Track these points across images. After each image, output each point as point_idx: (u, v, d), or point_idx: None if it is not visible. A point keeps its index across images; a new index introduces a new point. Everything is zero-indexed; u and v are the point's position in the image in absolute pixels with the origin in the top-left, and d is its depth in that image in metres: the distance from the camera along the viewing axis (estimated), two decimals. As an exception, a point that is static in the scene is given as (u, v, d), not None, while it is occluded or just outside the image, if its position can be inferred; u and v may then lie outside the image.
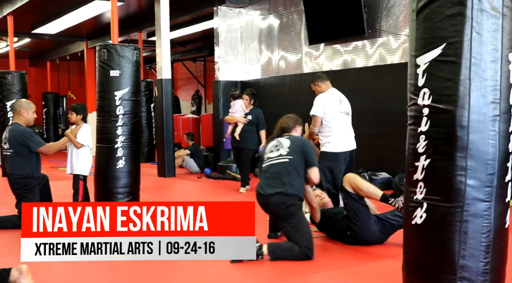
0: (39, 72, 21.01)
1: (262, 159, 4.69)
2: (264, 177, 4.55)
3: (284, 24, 10.36)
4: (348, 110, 6.06)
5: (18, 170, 5.35)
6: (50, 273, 4.07)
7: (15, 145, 5.34)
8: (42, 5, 11.19)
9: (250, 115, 8.28)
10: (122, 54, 7.09)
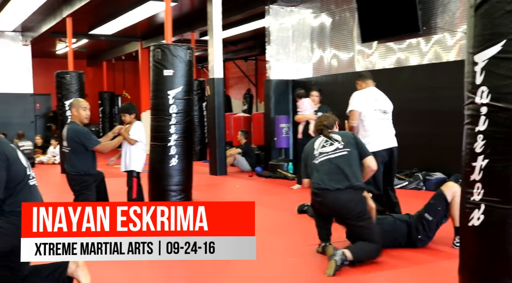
0: (95, 72, 21.62)
1: (308, 156, 4.49)
2: (322, 172, 4.31)
3: (336, 22, 10.27)
4: (386, 108, 5.85)
5: (76, 167, 5.51)
6: (104, 270, 4.18)
7: (72, 144, 5.51)
8: (99, 6, 11.49)
9: (320, 112, 8.22)
10: (175, 54, 7.21)
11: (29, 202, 3.23)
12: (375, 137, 5.56)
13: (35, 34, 14.77)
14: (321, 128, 4.56)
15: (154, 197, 7.23)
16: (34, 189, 3.45)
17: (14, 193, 3.28)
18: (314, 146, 4.49)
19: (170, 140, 7.19)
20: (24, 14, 13.02)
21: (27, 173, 3.39)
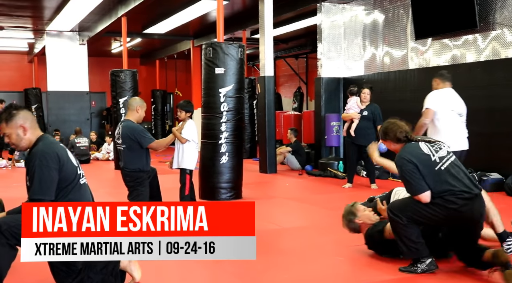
0: (148, 70, 22.04)
1: (424, 166, 3.84)
2: (457, 178, 3.82)
3: (390, 19, 10.09)
4: (461, 110, 5.82)
5: (130, 164, 5.62)
6: (154, 267, 4.25)
7: (127, 141, 5.61)
8: (153, 6, 11.69)
9: (366, 111, 8.13)
10: (227, 52, 7.26)
11: (81, 201, 3.32)
12: (447, 138, 5.38)
13: (91, 33, 15.18)
14: (407, 135, 4.04)
15: (204, 194, 7.31)
16: (85, 187, 3.54)
17: (66, 192, 3.36)
18: (425, 151, 3.92)
19: (221, 138, 7.25)
20: (81, 15, 13.41)
21: (78, 172, 3.47)
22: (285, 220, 6.23)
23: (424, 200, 3.78)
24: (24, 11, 13.27)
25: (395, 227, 3.89)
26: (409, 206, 3.86)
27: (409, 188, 3.86)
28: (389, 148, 4.24)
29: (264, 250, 4.74)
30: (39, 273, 3.97)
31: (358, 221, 4.37)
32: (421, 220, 3.83)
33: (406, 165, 3.84)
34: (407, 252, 3.86)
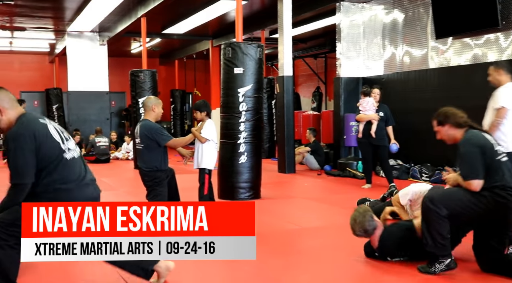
0: (168, 70, 22.16)
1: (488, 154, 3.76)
2: (510, 172, 3.81)
3: (410, 18, 10.00)
4: None
5: (148, 163, 5.66)
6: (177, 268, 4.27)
7: (145, 140, 5.65)
8: (172, 6, 11.75)
9: (381, 111, 8.08)
10: (246, 52, 7.26)
11: (69, 178, 3.23)
12: None
13: (111, 34, 15.31)
14: (467, 121, 3.96)
15: (223, 194, 7.33)
16: (72, 162, 3.31)
17: (50, 171, 3.19)
18: (490, 139, 3.86)
19: (240, 137, 7.26)
20: (101, 15, 13.54)
21: (62, 148, 3.27)
22: (304, 220, 6.21)
23: (475, 188, 3.70)
24: (45, 12, 13.44)
25: (428, 218, 3.76)
26: (453, 196, 3.77)
27: (465, 170, 3.75)
28: (443, 134, 4.01)
29: (283, 250, 4.74)
30: (57, 270, 4.02)
31: (376, 219, 4.20)
32: (463, 212, 3.74)
33: (472, 147, 3.76)
34: (432, 246, 3.77)
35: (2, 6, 12.08)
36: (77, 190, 3.26)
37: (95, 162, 12.87)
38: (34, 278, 3.93)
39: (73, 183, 3.26)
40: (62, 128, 3.46)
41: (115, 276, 3.92)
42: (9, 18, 13.83)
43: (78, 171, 3.32)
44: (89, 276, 4.04)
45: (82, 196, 3.23)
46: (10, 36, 16.69)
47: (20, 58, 20.41)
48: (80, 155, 3.46)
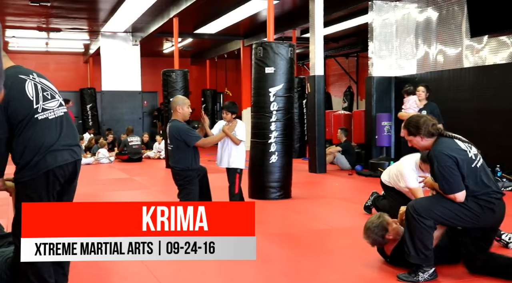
0: (199, 70, 22.30)
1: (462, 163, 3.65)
2: (488, 178, 3.74)
3: (444, 16, 9.84)
4: None
5: (179, 163, 5.71)
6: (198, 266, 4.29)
7: (174, 141, 5.71)
8: (204, 6, 11.82)
9: (425, 110, 7.98)
10: (277, 51, 7.26)
11: (40, 140, 3.01)
12: None
13: (144, 34, 15.50)
14: (439, 130, 3.85)
15: (254, 193, 7.34)
16: (44, 123, 3.04)
17: (20, 129, 2.99)
18: (462, 147, 3.74)
19: (271, 137, 7.26)
20: (134, 16, 13.71)
21: (33, 106, 3.02)
22: (335, 220, 6.18)
23: (459, 200, 3.61)
24: (80, 13, 13.69)
25: (412, 227, 3.67)
26: (437, 206, 3.66)
27: (446, 185, 3.62)
28: (415, 144, 3.89)
29: (314, 249, 4.73)
30: (86, 269, 4.08)
31: (388, 237, 4.03)
32: (448, 221, 3.68)
33: (446, 160, 3.61)
34: (414, 256, 3.68)
35: (39, 7, 12.35)
36: (57, 153, 3.06)
37: (128, 161, 13.04)
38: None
39: (51, 144, 3.03)
40: (50, 87, 3.20)
41: (145, 274, 3.97)
42: (46, 19, 14.13)
43: (51, 135, 3.06)
44: (121, 273, 4.09)
45: (51, 163, 3.04)
46: (46, 37, 17.05)
47: (56, 59, 20.85)
48: (63, 117, 3.16)
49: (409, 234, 3.71)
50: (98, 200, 7.57)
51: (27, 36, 16.16)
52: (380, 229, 3.99)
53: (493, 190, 3.68)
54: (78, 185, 3.45)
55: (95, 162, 12.80)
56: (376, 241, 4.06)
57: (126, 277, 3.96)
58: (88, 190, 8.43)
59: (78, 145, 3.27)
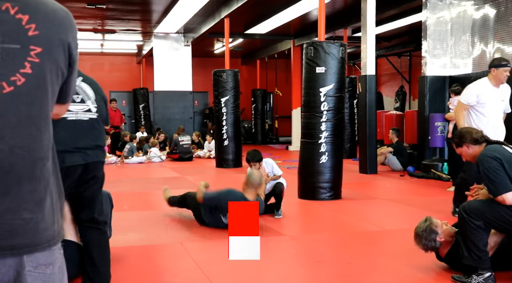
0: (249, 70, 22.40)
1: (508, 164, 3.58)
2: None
3: (502, 13, 9.51)
4: None
5: None
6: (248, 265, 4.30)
7: None
8: (255, 6, 11.86)
9: None
10: (328, 51, 7.20)
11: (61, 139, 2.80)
12: None
13: (195, 35, 15.68)
14: (484, 136, 3.87)
15: (303, 194, 7.31)
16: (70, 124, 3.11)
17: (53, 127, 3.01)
18: (509, 150, 3.73)
19: (321, 137, 7.21)
20: (186, 17, 13.90)
21: None
22: (386, 222, 6.07)
23: (509, 202, 3.50)
24: (134, 15, 13.99)
25: (465, 229, 3.61)
26: (489, 208, 3.58)
27: (492, 187, 3.56)
28: (465, 155, 3.89)
29: (365, 251, 4.66)
30: (142, 268, 4.15)
31: (440, 239, 3.90)
32: (500, 225, 3.57)
33: (490, 162, 3.57)
34: (468, 257, 3.61)
35: (95, 10, 12.69)
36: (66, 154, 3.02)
37: (178, 160, 13.23)
38: (121, 274, 4.09)
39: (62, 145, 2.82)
40: (86, 92, 3.22)
41: (196, 272, 4.01)
42: (101, 21, 14.51)
43: (69, 135, 3.07)
44: (173, 271, 4.15)
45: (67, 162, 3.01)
46: (101, 39, 17.51)
47: (110, 60, 21.39)
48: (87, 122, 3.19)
49: (462, 234, 3.67)
50: (148, 197, 7.71)
51: (83, 38, 16.63)
52: (429, 233, 3.89)
53: None
54: (130, 183, 3.52)
55: (147, 161, 13.05)
56: (428, 246, 3.95)
57: (177, 275, 4.02)
58: (140, 188, 8.60)
59: (97, 148, 3.24)
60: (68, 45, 1.48)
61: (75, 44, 1.52)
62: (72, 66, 1.51)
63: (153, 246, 4.90)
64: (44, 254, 1.42)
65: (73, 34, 1.50)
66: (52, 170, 1.47)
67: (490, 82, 5.89)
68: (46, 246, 1.42)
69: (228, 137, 11.59)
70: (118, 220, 5.61)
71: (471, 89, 5.96)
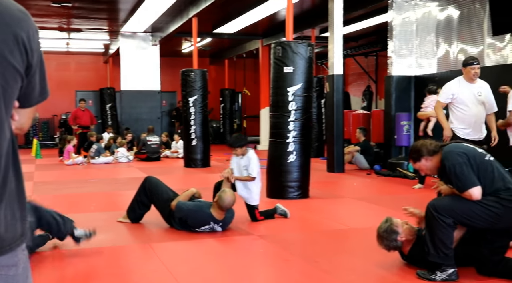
0: (217, 69, 22.36)
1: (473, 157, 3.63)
2: (504, 172, 3.71)
3: (465, 14, 9.72)
4: None
5: None
6: (225, 260, 4.29)
7: None
8: (223, 6, 11.84)
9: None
10: (296, 51, 7.24)
11: None
12: None
13: (163, 34, 15.58)
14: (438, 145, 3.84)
15: (272, 193, 7.33)
16: None
17: None
18: (470, 145, 3.79)
19: (289, 136, 7.24)
20: (154, 16, 13.79)
21: None
22: (353, 220, 6.14)
23: (476, 197, 3.54)
24: (100, 14, 13.80)
25: (433, 227, 3.64)
26: (458, 204, 3.62)
27: (459, 183, 3.58)
28: (424, 169, 3.85)
29: (331, 250, 4.71)
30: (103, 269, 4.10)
31: (401, 239, 3.93)
32: (469, 221, 3.61)
33: (456, 158, 3.59)
34: (434, 255, 3.64)
35: (60, 8, 12.48)
36: None
37: (146, 160, 13.12)
38: (88, 276, 4.04)
39: None
40: None
41: (164, 273, 3.98)
42: (67, 20, 14.28)
43: None
44: (140, 272, 4.12)
45: None
46: (67, 37, 17.23)
47: (76, 59, 21.07)
48: None
49: (429, 232, 3.69)
50: (114, 198, 7.63)
51: (48, 37, 16.33)
52: (390, 233, 3.92)
53: None
54: (97, 183, 3.48)
55: (114, 161, 12.90)
56: (390, 246, 3.98)
57: (145, 275, 3.98)
58: (107, 189, 8.50)
59: None
60: (24, 45, 1.42)
61: (35, 44, 1.46)
62: (32, 67, 1.46)
63: (121, 247, 4.85)
64: (7, 256, 1.40)
65: (30, 33, 1.44)
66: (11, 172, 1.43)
67: (464, 80, 6.32)
68: (8, 249, 1.40)
69: (196, 137, 11.55)
70: (85, 221, 5.54)
71: (446, 88, 6.40)
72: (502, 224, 3.62)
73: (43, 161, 13.46)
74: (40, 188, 8.57)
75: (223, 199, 5.08)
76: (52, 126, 20.54)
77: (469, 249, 3.81)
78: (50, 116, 20.28)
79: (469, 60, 6.36)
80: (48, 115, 20.11)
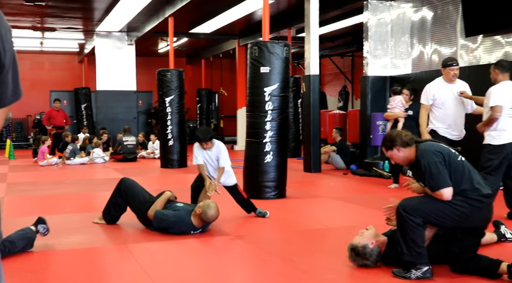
0: (194, 69, 22.28)
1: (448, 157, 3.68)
2: (475, 172, 3.77)
3: (439, 15, 9.86)
4: None
5: None
6: (204, 259, 4.27)
7: None
8: (199, 6, 11.80)
9: (411, 110, 8.02)
10: (272, 51, 7.26)
11: None
12: (505, 131, 5.51)
13: (139, 34, 15.47)
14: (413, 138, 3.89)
15: (248, 193, 7.30)
16: None
17: None
18: (444, 145, 3.86)
19: (266, 136, 7.26)
20: (129, 15, 13.68)
21: None
22: (330, 219, 6.18)
23: (446, 197, 3.60)
24: (75, 13, 13.64)
25: (404, 227, 3.69)
26: (426, 204, 3.67)
27: (432, 182, 3.63)
28: (395, 158, 3.89)
29: (308, 249, 4.73)
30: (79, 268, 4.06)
31: (372, 245, 3.95)
32: (437, 220, 3.67)
33: (432, 157, 3.64)
34: (407, 254, 3.69)
35: (34, 7, 12.30)
36: None
37: (122, 160, 13.02)
38: (63, 278, 3.99)
39: None
40: None
41: (140, 274, 3.96)
42: (40, 19, 14.08)
43: None
44: (116, 273, 4.08)
45: None
46: (41, 37, 16.99)
47: (50, 58, 20.80)
48: None
49: (401, 232, 3.73)
50: (90, 199, 7.55)
51: (21, 36, 16.08)
52: (362, 253, 3.95)
53: (481, 186, 3.67)
54: (72, 184, 3.44)
55: (90, 161, 12.76)
56: (373, 259, 3.98)
57: (121, 277, 3.95)
58: (82, 190, 8.40)
59: None
60: None
61: (8, 43, 1.44)
62: (5, 67, 1.43)
63: (96, 248, 4.80)
64: None
65: (2, 32, 1.41)
66: None
67: (444, 80, 6.47)
68: None
69: (173, 137, 11.50)
70: (60, 222, 5.47)
71: (427, 90, 6.54)
72: (470, 223, 3.69)
73: (17, 162, 13.26)
74: (14, 189, 8.44)
75: (207, 215, 5.05)
76: (26, 126, 20.25)
77: (441, 248, 3.87)
78: (24, 116, 19.99)
79: (448, 61, 6.48)
80: (22, 115, 19.82)
